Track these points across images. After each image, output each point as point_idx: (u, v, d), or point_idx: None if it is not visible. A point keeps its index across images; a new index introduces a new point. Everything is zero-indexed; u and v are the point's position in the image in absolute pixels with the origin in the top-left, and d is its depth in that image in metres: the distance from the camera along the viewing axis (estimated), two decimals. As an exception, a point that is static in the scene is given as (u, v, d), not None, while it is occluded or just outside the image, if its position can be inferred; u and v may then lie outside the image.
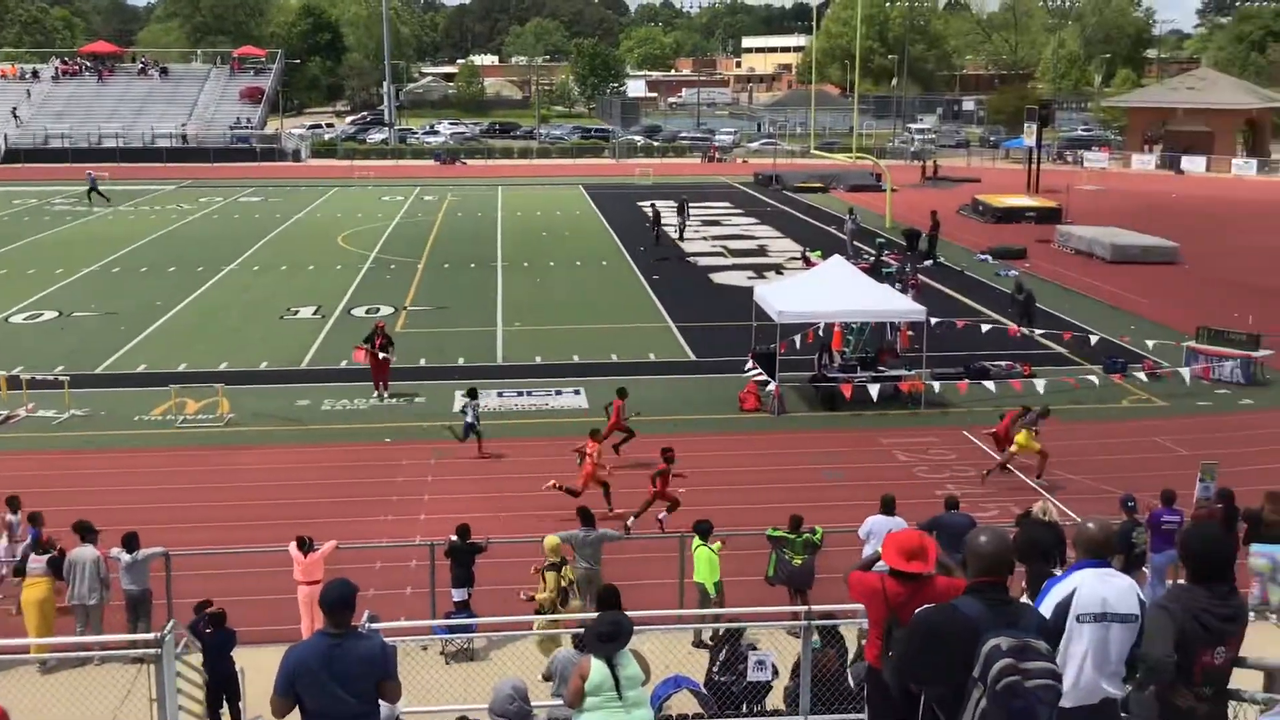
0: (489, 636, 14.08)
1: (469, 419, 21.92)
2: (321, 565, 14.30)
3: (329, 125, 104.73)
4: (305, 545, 14.49)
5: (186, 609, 12.99)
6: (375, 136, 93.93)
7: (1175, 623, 5.20)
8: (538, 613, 13.43)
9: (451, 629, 13.52)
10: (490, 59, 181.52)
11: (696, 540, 14.65)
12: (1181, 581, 5.37)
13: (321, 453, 21.87)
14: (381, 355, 24.94)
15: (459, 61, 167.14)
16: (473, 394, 22.48)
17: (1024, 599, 5.29)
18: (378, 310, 33.26)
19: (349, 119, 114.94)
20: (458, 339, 30.61)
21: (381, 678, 6.70)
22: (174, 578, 14.53)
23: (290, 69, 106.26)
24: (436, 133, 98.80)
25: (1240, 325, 27.78)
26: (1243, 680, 6.00)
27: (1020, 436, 20.43)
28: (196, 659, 12.10)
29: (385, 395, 25.03)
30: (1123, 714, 5.51)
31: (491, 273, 40.00)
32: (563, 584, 13.59)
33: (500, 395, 25.39)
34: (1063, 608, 5.35)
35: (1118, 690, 5.42)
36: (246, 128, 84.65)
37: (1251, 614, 15.87)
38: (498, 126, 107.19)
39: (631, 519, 18.12)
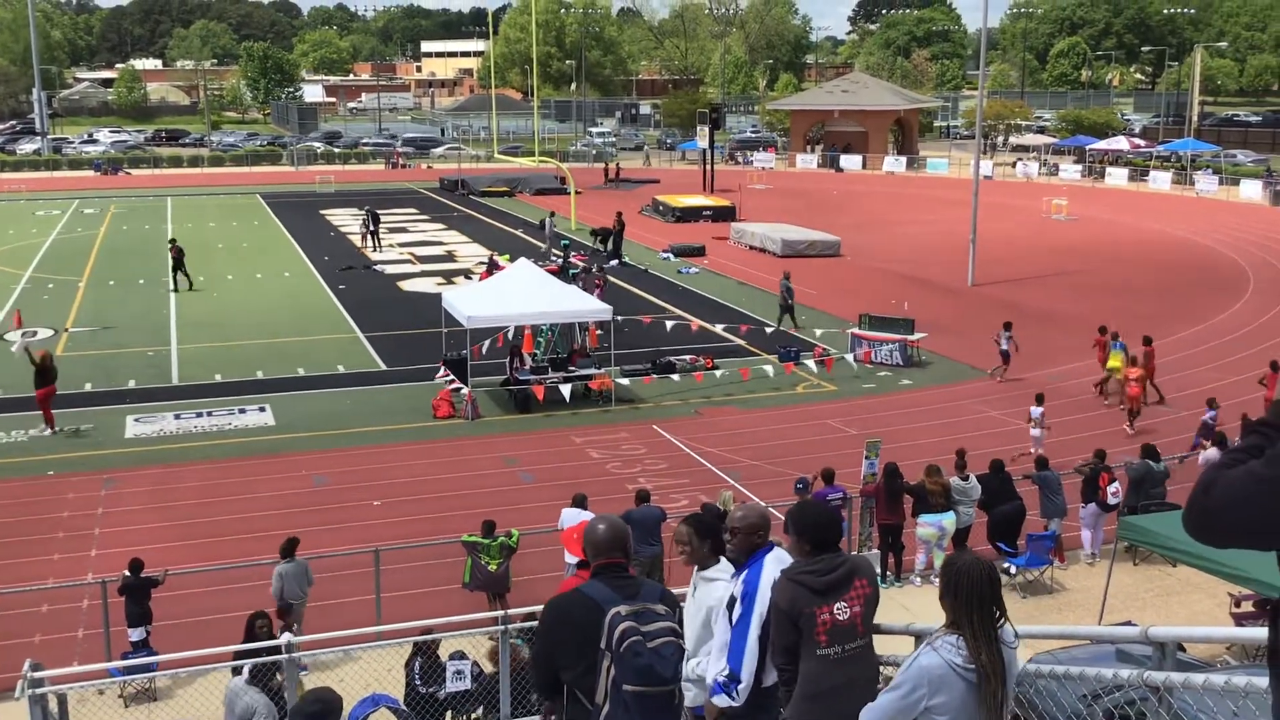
0: (173, 675, 13.31)
1: (1004, 347, 25.61)
2: (-23, 615, 13.10)
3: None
4: (-44, 595, 13.25)
5: None
6: (26, 147, 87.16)
7: (790, 615, 5.29)
8: None
9: (129, 670, 12.68)
10: (153, 63, 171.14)
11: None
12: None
13: (-26, 492, 20.04)
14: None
15: (118, 66, 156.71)
16: (1008, 326, 26.20)
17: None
18: (34, 334, 30.83)
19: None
20: (127, 360, 28.76)
21: None
22: None
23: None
24: (96, 141, 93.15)
25: (896, 311, 29.97)
26: (901, 647, 6.42)
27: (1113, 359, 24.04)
28: None
29: (53, 429, 23.07)
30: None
31: (163, 288, 37.83)
32: None
33: (178, 418, 24.06)
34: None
35: None
36: None
37: (917, 579, 17.16)
38: (164, 134, 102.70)
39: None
